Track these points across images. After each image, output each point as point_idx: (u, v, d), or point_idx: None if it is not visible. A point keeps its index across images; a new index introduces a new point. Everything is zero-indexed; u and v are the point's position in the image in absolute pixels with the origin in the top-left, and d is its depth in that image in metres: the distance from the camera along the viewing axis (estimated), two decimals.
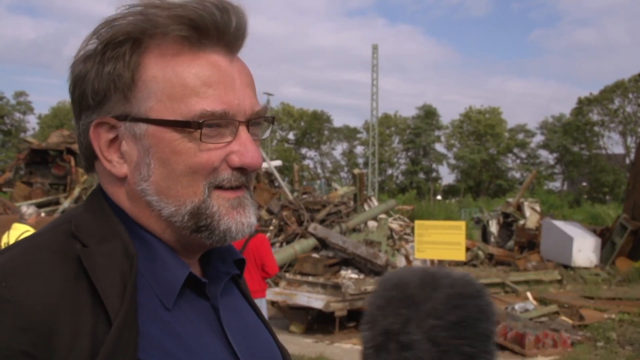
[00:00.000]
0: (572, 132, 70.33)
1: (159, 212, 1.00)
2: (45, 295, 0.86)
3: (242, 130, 1.01)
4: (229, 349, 1.03)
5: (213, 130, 0.98)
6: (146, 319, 0.93)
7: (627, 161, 64.27)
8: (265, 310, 7.57)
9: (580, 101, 70.67)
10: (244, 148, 1.01)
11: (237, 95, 1.01)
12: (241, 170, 1.02)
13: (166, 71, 0.98)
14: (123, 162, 1.01)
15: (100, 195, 1.05)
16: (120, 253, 0.95)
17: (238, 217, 1.02)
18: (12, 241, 7.05)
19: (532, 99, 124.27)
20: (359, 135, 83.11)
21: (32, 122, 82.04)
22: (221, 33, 1.00)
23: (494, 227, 24.62)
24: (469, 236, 23.32)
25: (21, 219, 7.83)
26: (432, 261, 10.59)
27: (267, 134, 1.13)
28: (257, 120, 1.05)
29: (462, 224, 7.72)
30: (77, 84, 1.01)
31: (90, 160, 1.06)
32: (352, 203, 18.69)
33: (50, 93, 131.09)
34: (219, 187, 1.01)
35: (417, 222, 7.99)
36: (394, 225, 19.88)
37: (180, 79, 0.98)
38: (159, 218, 1.01)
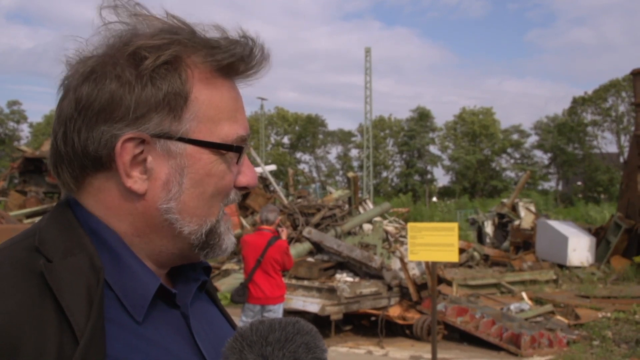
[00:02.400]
0: (566, 132, 70.51)
1: (179, 230, 1.01)
2: (7, 313, 0.84)
3: (245, 153, 1.07)
4: (200, 357, 1.02)
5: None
6: (114, 334, 0.92)
7: (621, 160, 64.48)
8: (280, 316, 7.61)
9: (574, 101, 70.90)
10: (247, 169, 1.08)
11: (247, 119, 1.08)
12: (242, 189, 1.07)
13: (205, 93, 1.01)
14: (145, 179, 0.99)
15: (67, 207, 1.02)
16: (86, 267, 0.93)
17: (231, 238, 1.09)
18: None
19: (529, 99, 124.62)
20: (353, 139, 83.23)
21: (25, 131, 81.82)
22: (246, 71, 1.07)
23: (489, 228, 24.64)
24: (464, 237, 23.37)
25: None
26: (426, 263, 10.60)
27: None
28: None
29: (454, 225, 7.71)
30: (105, 91, 0.96)
31: (85, 170, 1.00)
32: (347, 206, 18.69)
33: (43, 101, 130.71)
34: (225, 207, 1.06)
35: (409, 225, 7.98)
36: (390, 228, 19.88)
37: (216, 103, 1.02)
38: (173, 236, 1.02)
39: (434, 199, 64.47)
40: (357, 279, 11.36)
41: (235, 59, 1.03)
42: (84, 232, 0.98)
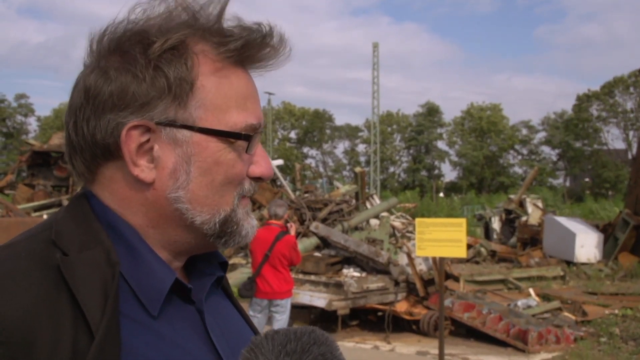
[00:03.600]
0: (573, 128, 70.26)
1: (191, 220, 1.00)
2: (22, 307, 0.84)
3: (259, 142, 1.06)
4: (215, 354, 1.01)
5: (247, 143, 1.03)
6: (129, 329, 0.91)
7: (629, 156, 64.17)
8: (288, 311, 7.63)
9: (579, 97, 70.61)
10: (262, 159, 1.06)
11: (260, 108, 1.07)
12: (258, 180, 1.06)
13: (212, 81, 0.99)
14: (153, 168, 0.98)
15: (84, 199, 1.02)
16: (102, 261, 0.92)
17: (251, 222, 1.07)
18: None
19: (537, 95, 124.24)
20: (360, 134, 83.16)
21: (33, 125, 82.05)
22: (259, 60, 1.06)
23: (496, 224, 24.56)
24: (471, 233, 23.32)
25: None
26: (433, 258, 10.58)
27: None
28: None
29: (463, 221, 7.69)
30: (112, 79, 0.97)
31: (96, 160, 1.00)
32: (354, 201, 18.67)
33: (51, 95, 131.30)
34: (243, 196, 1.05)
35: (417, 220, 7.96)
36: (396, 223, 19.87)
37: (225, 91, 1.00)
38: (185, 225, 1.01)
39: (441, 194, 64.31)
40: (364, 274, 11.36)
41: (246, 48, 1.01)
42: (100, 226, 0.98)
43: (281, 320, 7.52)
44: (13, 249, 0.94)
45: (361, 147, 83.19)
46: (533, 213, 22.65)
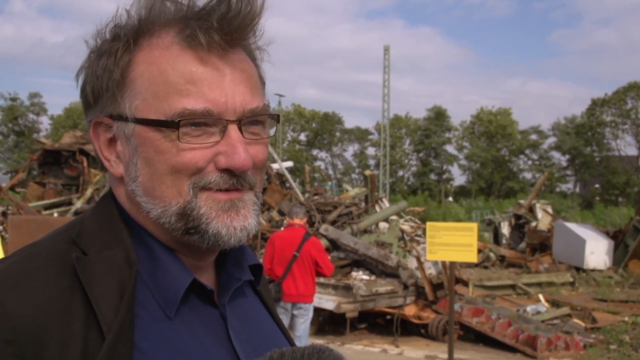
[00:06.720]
0: (584, 134, 69.91)
1: (147, 213, 0.97)
2: (34, 306, 0.84)
3: (232, 129, 0.95)
4: (235, 358, 0.99)
5: (197, 130, 0.94)
6: (144, 331, 0.90)
7: None
8: (311, 314, 7.48)
9: (593, 102, 70.28)
10: (231, 149, 0.95)
11: (224, 93, 0.95)
12: (229, 172, 0.96)
13: (151, 69, 0.95)
14: (119, 162, 0.99)
15: (110, 198, 1.03)
16: (121, 261, 0.92)
17: (229, 221, 0.96)
18: None
19: (551, 100, 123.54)
20: (370, 137, 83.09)
21: (45, 123, 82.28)
22: (217, 40, 0.95)
23: (505, 229, 24.51)
24: (480, 238, 23.25)
25: None
26: (443, 263, 10.56)
27: (271, 132, 1.06)
28: (254, 119, 0.99)
29: (474, 225, 7.68)
30: (81, 79, 1.01)
31: (100, 160, 1.04)
32: (363, 204, 18.65)
33: (63, 94, 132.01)
34: (208, 189, 0.96)
35: (428, 224, 7.95)
36: (405, 227, 19.82)
37: (164, 77, 0.94)
38: (150, 220, 0.98)
39: (450, 198, 64.14)
40: (373, 277, 11.35)
41: (197, 33, 0.94)
42: (123, 225, 0.98)
43: (304, 324, 7.33)
44: (35, 248, 0.94)
45: (371, 151, 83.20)
46: (543, 218, 22.57)
